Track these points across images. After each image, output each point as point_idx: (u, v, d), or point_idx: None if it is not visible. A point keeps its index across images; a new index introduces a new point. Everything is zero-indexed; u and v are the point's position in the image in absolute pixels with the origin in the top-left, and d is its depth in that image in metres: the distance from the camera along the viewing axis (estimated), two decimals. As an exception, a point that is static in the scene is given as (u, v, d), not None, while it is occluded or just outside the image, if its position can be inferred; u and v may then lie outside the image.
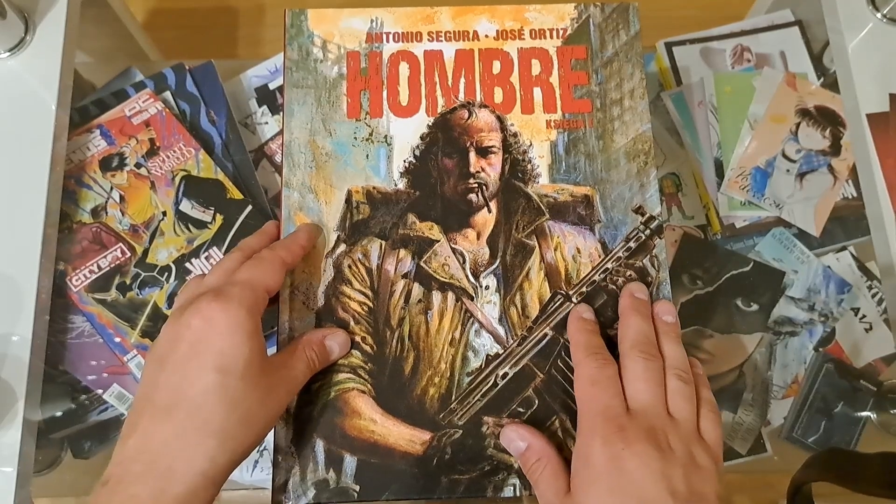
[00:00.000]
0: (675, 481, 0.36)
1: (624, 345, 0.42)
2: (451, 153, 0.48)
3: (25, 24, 0.55)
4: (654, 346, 0.42)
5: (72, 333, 0.54)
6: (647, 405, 0.39)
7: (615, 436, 0.37)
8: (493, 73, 0.50)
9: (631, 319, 0.43)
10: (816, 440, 0.57)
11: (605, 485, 0.36)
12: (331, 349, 0.43)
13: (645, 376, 0.40)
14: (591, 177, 0.48)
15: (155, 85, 0.60)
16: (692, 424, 0.39)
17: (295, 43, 0.50)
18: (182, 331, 0.37)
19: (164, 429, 0.35)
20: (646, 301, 0.44)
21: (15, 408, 0.47)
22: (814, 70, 0.65)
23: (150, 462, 0.34)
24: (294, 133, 0.48)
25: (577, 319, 0.44)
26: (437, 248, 0.46)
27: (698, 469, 0.37)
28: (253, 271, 0.41)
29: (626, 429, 0.38)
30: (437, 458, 0.42)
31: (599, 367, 0.41)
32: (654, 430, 0.38)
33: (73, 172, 0.56)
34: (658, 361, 0.41)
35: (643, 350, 0.41)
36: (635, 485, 0.36)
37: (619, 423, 0.38)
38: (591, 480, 0.37)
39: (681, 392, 0.40)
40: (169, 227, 0.55)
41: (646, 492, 0.36)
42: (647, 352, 0.41)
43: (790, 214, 0.60)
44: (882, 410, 0.57)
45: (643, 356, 0.41)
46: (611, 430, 0.38)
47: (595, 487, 0.37)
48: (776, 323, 0.59)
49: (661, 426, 0.38)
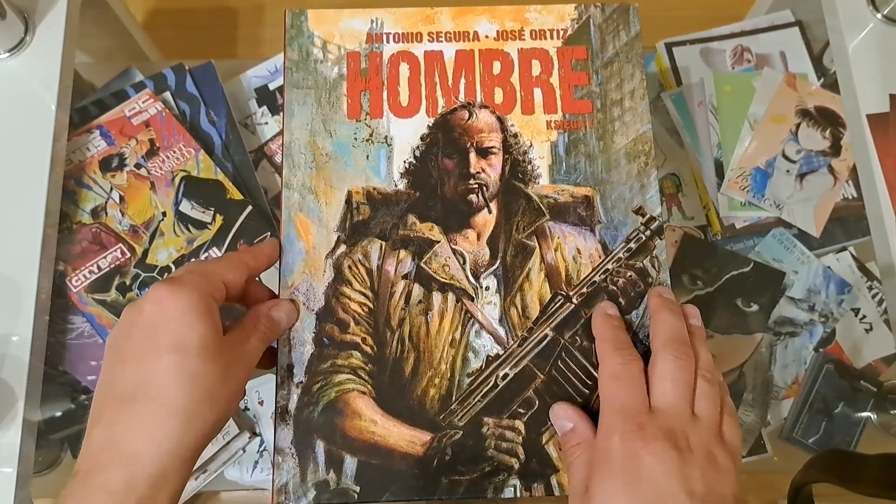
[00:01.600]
0: (692, 481, 0.36)
1: (657, 341, 0.41)
2: (452, 154, 0.48)
3: (25, 24, 0.55)
4: (688, 346, 0.41)
5: (72, 334, 0.54)
6: (670, 405, 0.39)
7: (634, 433, 0.37)
8: (494, 74, 0.50)
9: (664, 315, 0.42)
10: (817, 441, 0.57)
11: (620, 481, 0.36)
12: (278, 319, 0.43)
13: (675, 376, 0.39)
14: (591, 177, 0.48)
15: (155, 85, 0.60)
16: (715, 425, 0.39)
17: (295, 43, 0.50)
18: (135, 317, 0.37)
19: (127, 415, 0.35)
20: (675, 301, 0.44)
21: (15, 408, 0.47)
22: (814, 70, 0.65)
23: (117, 449, 0.35)
24: (294, 133, 0.48)
25: (602, 315, 0.44)
26: (437, 249, 0.46)
27: (717, 469, 0.37)
28: (210, 263, 0.41)
29: (645, 427, 0.37)
30: (437, 459, 0.42)
31: (624, 364, 0.40)
32: (674, 430, 0.37)
33: (73, 173, 0.56)
34: (691, 362, 0.40)
35: (677, 349, 0.40)
36: (651, 482, 0.36)
37: (638, 421, 0.38)
38: (607, 476, 0.37)
39: (707, 394, 0.40)
40: (169, 228, 0.55)
41: (662, 489, 0.35)
42: (682, 351, 0.40)
43: (790, 215, 0.60)
44: (882, 411, 0.57)
45: (677, 356, 0.40)
46: (630, 428, 0.37)
47: (610, 483, 0.37)
48: (776, 323, 0.59)
49: (682, 426, 0.38)
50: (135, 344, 0.37)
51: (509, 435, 0.43)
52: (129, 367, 0.36)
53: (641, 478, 0.36)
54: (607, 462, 0.37)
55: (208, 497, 0.56)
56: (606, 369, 0.41)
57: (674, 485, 0.35)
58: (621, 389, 0.39)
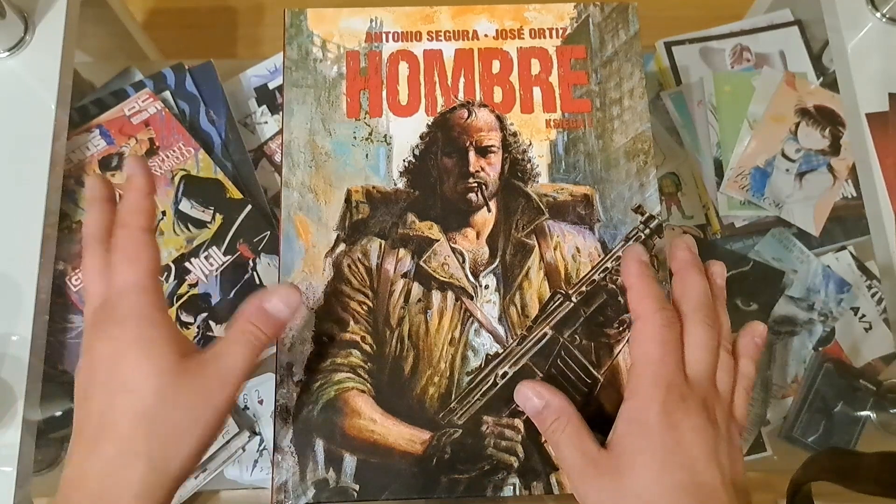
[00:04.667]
0: (721, 457, 0.35)
1: (687, 305, 0.39)
2: (451, 153, 0.48)
3: (25, 23, 0.55)
4: (715, 311, 0.39)
5: (72, 333, 0.54)
6: (702, 376, 0.37)
7: (677, 405, 0.35)
8: (493, 73, 0.50)
9: (693, 277, 0.39)
10: (816, 440, 0.57)
11: (658, 454, 0.35)
12: (277, 310, 0.37)
13: (708, 345, 0.37)
14: (590, 176, 0.48)
15: (154, 85, 0.60)
16: (730, 399, 0.38)
17: (294, 43, 0.50)
18: (95, 359, 0.36)
19: (93, 457, 0.34)
20: (699, 259, 0.41)
21: (14, 408, 0.47)
22: (813, 70, 0.65)
23: (87, 490, 0.33)
24: (293, 133, 0.48)
25: (637, 263, 0.40)
26: (436, 248, 0.46)
27: (733, 445, 0.37)
28: (128, 267, 0.37)
29: (687, 399, 0.36)
30: (436, 458, 0.42)
31: (669, 326, 0.37)
32: (707, 403, 0.36)
33: (72, 172, 0.56)
34: (718, 330, 0.39)
35: (708, 315, 0.38)
36: (690, 459, 0.35)
37: (681, 392, 0.36)
38: (644, 447, 0.35)
39: (727, 367, 0.38)
40: (168, 227, 0.55)
41: (698, 466, 0.35)
42: (712, 318, 0.38)
43: (790, 214, 0.60)
44: (881, 410, 0.57)
45: (708, 322, 0.38)
46: (673, 399, 0.35)
47: (646, 455, 0.35)
48: (776, 322, 0.59)
49: (712, 399, 0.37)
50: (97, 385, 0.35)
51: (509, 433, 0.43)
52: (93, 408, 0.35)
53: (679, 453, 0.35)
54: (644, 434, 0.36)
55: (208, 496, 0.56)
56: (649, 330, 0.38)
57: (709, 462, 0.35)
58: (668, 355, 0.37)
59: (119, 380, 0.35)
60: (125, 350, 0.35)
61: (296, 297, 0.38)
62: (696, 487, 0.34)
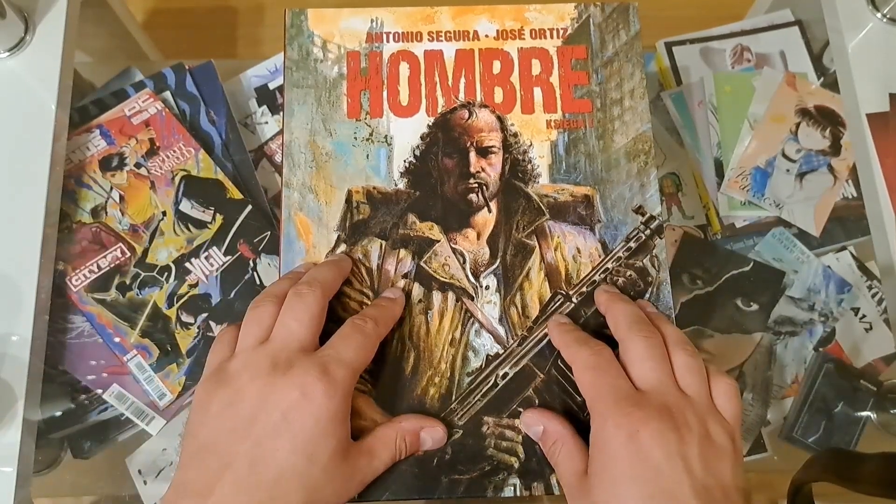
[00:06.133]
0: (691, 460, 0.35)
1: (620, 330, 0.40)
2: (452, 153, 0.48)
3: (25, 23, 0.55)
4: (650, 325, 0.40)
5: (71, 333, 0.54)
6: (657, 383, 0.37)
7: (629, 416, 0.36)
8: (494, 73, 0.50)
9: (617, 306, 0.42)
10: (816, 440, 0.57)
11: (620, 468, 0.35)
12: (423, 442, 0.41)
13: (650, 354, 0.38)
14: (591, 177, 0.48)
15: (155, 85, 0.60)
16: (706, 398, 0.38)
17: (295, 43, 0.50)
18: (278, 398, 0.36)
19: (223, 480, 0.35)
20: (620, 293, 0.44)
21: (15, 408, 0.47)
22: (814, 70, 0.65)
23: None
24: (294, 133, 0.48)
25: (556, 326, 0.43)
26: (437, 248, 0.46)
27: (714, 446, 0.36)
28: (358, 351, 0.40)
29: (641, 406, 0.36)
30: (437, 458, 0.42)
31: (594, 353, 0.39)
32: (669, 406, 0.36)
33: (72, 172, 0.56)
34: (659, 338, 0.39)
35: (641, 329, 0.39)
36: (652, 467, 0.35)
37: (633, 400, 0.36)
38: (607, 464, 0.36)
39: (689, 367, 0.38)
40: (169, 227, 0.55)
41: (663, 473, 0.34)
42: (647, 329, 0.39)
43: (790, 214, 0.60)
44: (882, 410, 0.57)
45: (643, 334, 0.39)
46: (623, 411, 0.36)
47: (610, 472, 0.36)
48: (776, 323, 0.59)
49: (676, 402, 0.37)
50: (268, 428, 0.36)
51: (509, 434, 0.43)
52: (256, 450, 0.35)
53: (641, 463, 0.35)
54: (605, 451, 0.36)
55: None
56: (579, 364, 0.40)
57: (675, 468, 0.34)
58: (601, 375, 0.38)
59: (301, 439, 0.36)
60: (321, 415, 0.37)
61: (442, 440, 0.42)
62: (662, 494, 0.34)
